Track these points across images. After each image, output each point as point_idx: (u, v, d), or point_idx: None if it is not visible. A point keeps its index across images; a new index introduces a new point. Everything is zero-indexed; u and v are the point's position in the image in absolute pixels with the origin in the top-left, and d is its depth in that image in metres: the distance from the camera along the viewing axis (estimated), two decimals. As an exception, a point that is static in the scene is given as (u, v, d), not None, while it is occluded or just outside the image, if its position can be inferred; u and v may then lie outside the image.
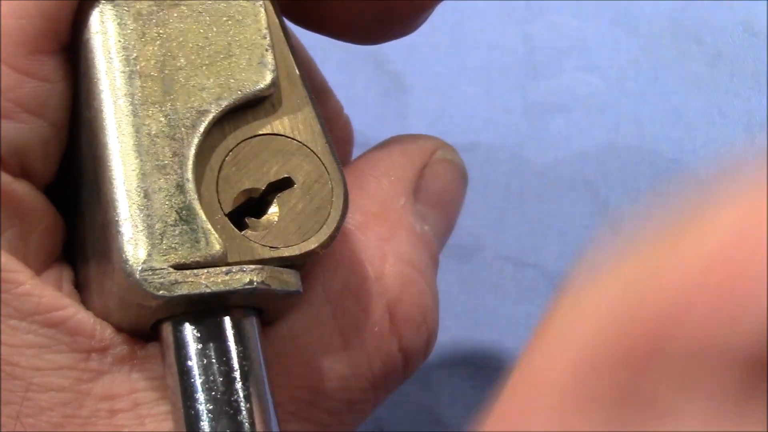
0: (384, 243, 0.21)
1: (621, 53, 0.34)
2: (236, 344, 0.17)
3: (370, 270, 0.20)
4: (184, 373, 0.17)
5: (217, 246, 0.16)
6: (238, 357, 0.17)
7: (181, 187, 0.17)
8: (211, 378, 0.17)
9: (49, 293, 0.17)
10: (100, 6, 0.17)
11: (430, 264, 0.22)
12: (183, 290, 0.16)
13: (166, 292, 0.16)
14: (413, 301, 0.21)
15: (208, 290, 0.16)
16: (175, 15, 0.18)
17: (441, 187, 0.23)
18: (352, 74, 0.33)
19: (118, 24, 0.17)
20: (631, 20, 0.35)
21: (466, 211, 0.32)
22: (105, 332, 0.18)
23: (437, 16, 0.37)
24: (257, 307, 0.18)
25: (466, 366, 0.31)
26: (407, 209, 0.21)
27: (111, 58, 0.17)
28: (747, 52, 0.34)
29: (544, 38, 0.35)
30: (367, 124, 0.23)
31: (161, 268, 0.16)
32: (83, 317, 0.17)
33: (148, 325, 0.17)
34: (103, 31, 0.17)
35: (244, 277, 0.16)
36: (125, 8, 0.17)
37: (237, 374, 0.17)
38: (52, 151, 0.19)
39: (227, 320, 0.17)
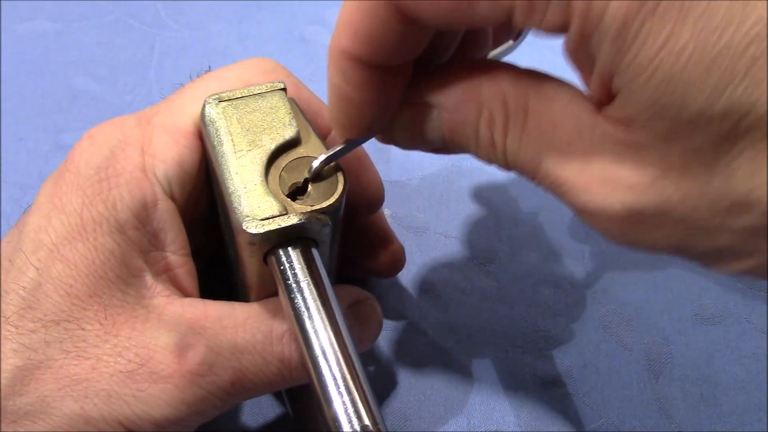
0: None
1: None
2: (306, 258, 0.24)
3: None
4: (281, 273, 0.24)
5: (282, 206, 0.24)
6: (307, 264, 0.24)
7: (260, 183, 0.24)
8: (294, 272, 0.24)
9: (138, 260, 0.25)
10: (211, 105, 0.26)
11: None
12: (265, 228, 0.23)
13: (258, 231, 0.23)
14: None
15: (279, 226, 0.23)
16: (244, 110, 0.26)
17: (367, 316, 0.29)
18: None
19: (223, 117, 0.26)
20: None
21: (420, 207, 0.41)
22: (155, 288, 0.26)
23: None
24: (313, 239, 0.25)
25: (425, 287, 0.38)
26: None
27: (220, 134, 0.25)
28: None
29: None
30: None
31: (254, 220, 0.23)
32: (148, 279, 0.26)
33: (262, 261, 0.25)
34: (212, 122, 0.26)
35: (296, 217, 0.23)
36: (222, 108, 0.26)
37: (308, 270, 0.24)
38: (187, 187, 0.27)
39: (299, 246, 0.24)
